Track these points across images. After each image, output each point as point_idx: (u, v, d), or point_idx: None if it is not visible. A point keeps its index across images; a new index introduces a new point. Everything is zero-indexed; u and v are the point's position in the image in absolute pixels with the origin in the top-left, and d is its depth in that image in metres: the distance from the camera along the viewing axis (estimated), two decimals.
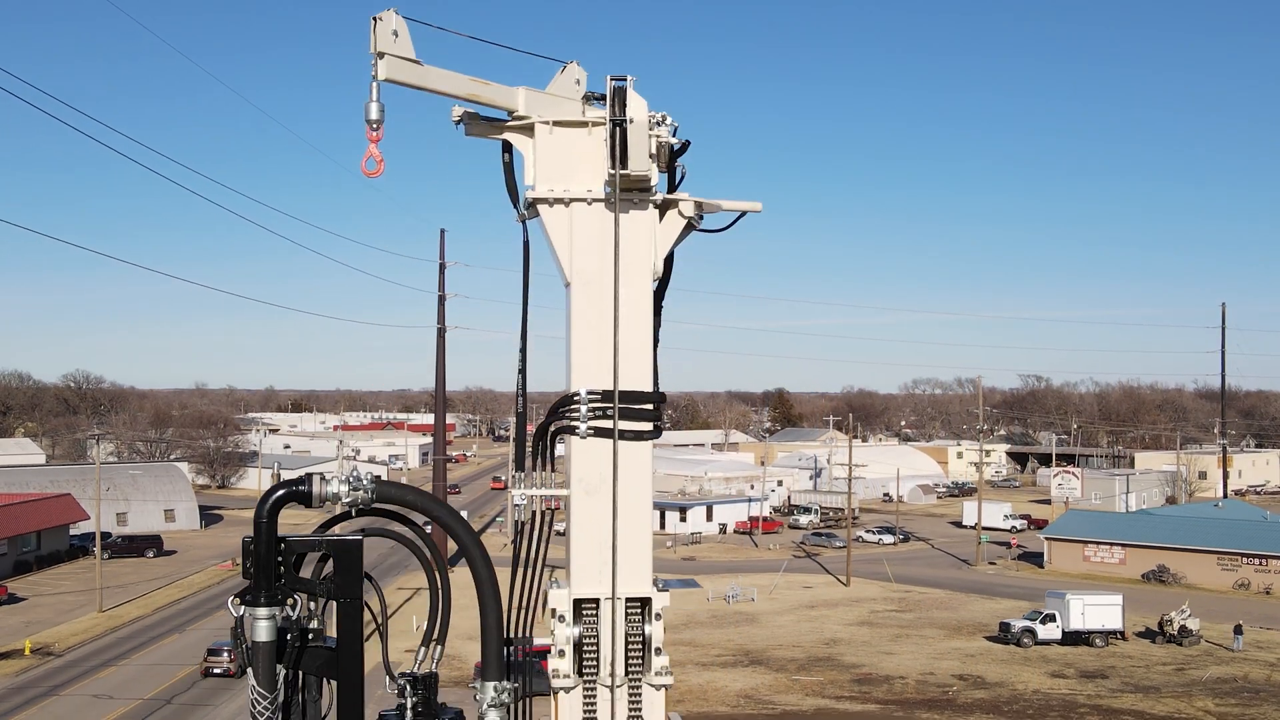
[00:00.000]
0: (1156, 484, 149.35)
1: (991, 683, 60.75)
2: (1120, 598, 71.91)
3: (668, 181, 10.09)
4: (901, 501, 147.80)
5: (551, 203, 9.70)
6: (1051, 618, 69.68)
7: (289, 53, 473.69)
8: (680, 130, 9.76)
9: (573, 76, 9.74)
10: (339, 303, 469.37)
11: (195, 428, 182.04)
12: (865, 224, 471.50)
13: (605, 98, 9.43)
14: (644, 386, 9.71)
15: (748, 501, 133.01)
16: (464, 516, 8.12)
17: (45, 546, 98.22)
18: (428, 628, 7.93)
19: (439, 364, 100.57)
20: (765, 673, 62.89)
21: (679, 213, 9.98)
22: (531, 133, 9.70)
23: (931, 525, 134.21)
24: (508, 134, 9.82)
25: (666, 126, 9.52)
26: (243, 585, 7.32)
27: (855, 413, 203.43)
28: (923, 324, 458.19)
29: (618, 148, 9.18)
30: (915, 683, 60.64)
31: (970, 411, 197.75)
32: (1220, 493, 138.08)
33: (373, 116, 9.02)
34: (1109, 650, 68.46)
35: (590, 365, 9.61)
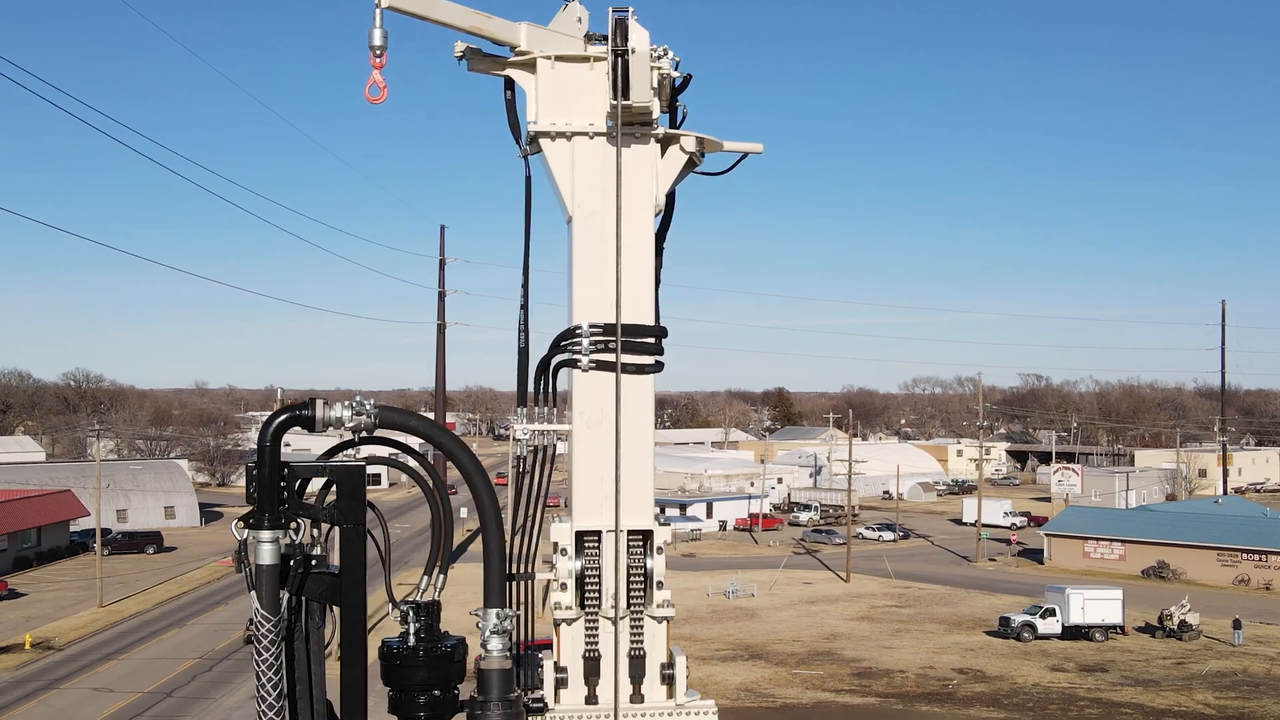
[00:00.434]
0: (1156, 481, 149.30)
1: (991, 676, 60.75)
2: (1120, 592, 71.85)
3: (669, 121, 10.12)
4: (901, 499, 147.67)
5: (554, 136, 9.72)
6: (1051, 612, 69.65)
7: (289, 52, 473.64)
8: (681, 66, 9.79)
9: (574, 14, 9.76)
10: (339, 300, 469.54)
11: (195, 426, 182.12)
12: (865, 223, 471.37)
13: (606, 38, 9.43)
14: (645, 321, 9.72)
15: (748, 499, 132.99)
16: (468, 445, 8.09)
17: (45, 542, 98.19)
18: (430, 555, 7.89)
19: (439, 360, 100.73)
20: (765, 666, 62.87)
21: (680, 148, 10.02)
22: (533, 68, 9.70)
23: (931, 522, 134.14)
24: (510, 70, 9.83)
25: (668, 59, 9.52)
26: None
27: (855, 411, 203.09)
28: (922, 323, 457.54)
29: (619, 78, 9.17)
30: (915, 676, 60.62)
31: (970, 410, 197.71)
32: (1220, 490, 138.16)
33: (376, 42, 9.05)
34: (1109, 645, 68.43)
35: (592, 299, 9.62)
